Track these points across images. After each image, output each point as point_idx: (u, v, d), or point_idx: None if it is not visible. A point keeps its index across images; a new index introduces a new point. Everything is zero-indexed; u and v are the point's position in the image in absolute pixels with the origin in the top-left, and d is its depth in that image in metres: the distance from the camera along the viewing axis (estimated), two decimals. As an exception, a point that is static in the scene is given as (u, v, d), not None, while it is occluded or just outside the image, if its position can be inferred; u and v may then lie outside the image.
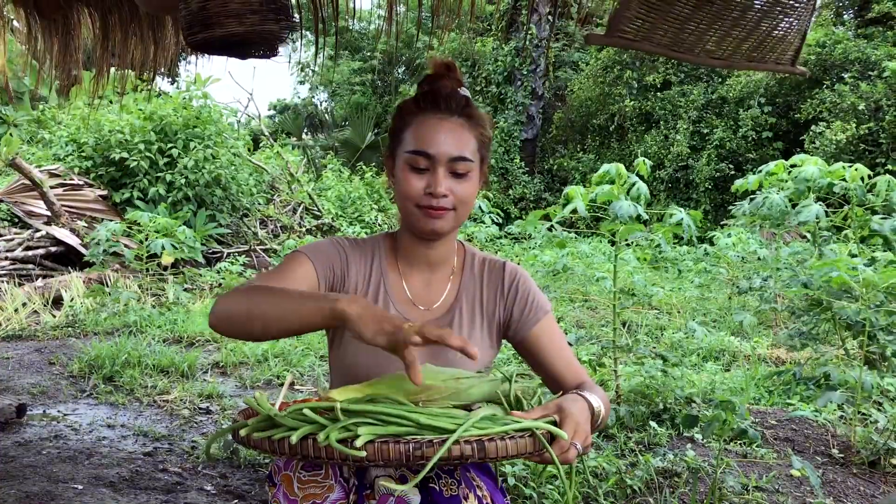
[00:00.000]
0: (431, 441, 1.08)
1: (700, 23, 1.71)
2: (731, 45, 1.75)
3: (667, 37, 1.71)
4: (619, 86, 14.87)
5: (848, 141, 11.34)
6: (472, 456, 1.08)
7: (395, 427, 1.12)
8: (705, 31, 1.72)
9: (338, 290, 1.48)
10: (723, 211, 12.41)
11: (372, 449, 1.06)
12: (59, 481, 2.81)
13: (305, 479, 1.25)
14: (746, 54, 1.77)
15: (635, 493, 2.65)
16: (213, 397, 4.09)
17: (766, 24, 1.75)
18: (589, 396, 1.30)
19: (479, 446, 1.09)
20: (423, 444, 1.07)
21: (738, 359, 4.89)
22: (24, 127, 11.32)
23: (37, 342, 5.29)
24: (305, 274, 1.43)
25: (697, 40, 1.73)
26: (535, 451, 1.15)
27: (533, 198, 15.20)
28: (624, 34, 1.70)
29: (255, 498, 2.79)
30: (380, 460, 1.07)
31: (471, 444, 1.09)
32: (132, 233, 7.38)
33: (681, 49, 1.74)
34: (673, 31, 1.71)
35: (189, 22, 2.38)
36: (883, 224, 3.83)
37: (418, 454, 1.06)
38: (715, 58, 1.77)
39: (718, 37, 1.74)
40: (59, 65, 3.81)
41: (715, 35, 1.73)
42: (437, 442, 1.08)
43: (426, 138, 1.41)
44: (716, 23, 1.72)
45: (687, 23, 1.71)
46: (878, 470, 2.96)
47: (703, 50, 1.75)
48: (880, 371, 3.23)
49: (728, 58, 1.77)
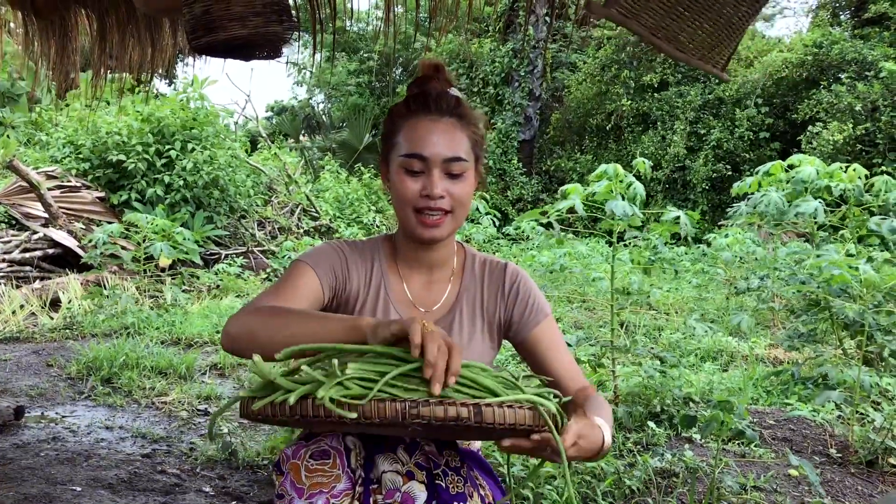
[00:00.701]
0: (428, 400, 1.07)
1: (685, 10, 1.71)
2: (697, 38, 1.75)
3: (652, 19, 1.71)
4: (617, 85, 14.89)
5: (845, 141, 11.36)
6: (469, 419, 1.06)
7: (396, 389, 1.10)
8: (686, 21, 1.72)
9: (340, 293, 1.49)
10: (720, 211, 12.43)
11: (368, 407, 1.05)
12: (57, 483, 2.81)
13: (313, 467, 1.25)
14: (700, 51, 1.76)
15: (633, 494, 2.66)
16: (212, 399, 4.08)
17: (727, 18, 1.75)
18: (606, 435, 1.28)
19: (475, 409, 1.07)
20: (420, 402, 1.06)
21: (736, 359, 4.89)
22: (22, 129, 11.30)
23: (34, 344, 5.28)
24: (310, 285, 1.44)
25: (679, 30, 1.73)
26: (533, 426, 1.12)
27: (531, 199, 15.20)
28: (620, 8, 1.70)
29: (254, 499, 2.79)
30: (375, 418, 1.05)
31: (467, 406, 1.07)
32: (130, 234, 7.37)
33: (660, 36, 1.73)
34: (660, 14, 1.71)
35: (193, 26, 2.38)
36: (881, 224, 3.84)
37: (414, 412, 1.05)
38: (680, 51, 1.76)
39: (692, 28, 1.73)
40: (56, 67, 3.80)
41: (690, 26, 1.73)
42: (434, 402, 1.07)
43: (419, 141, 1.41)
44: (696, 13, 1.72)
45: (675, 7, 1.71)
46: (876, 469, 2.96)
47: (678, 42, 1.74)
48: (878, 371, 3.24)
49: (688, 51, 1.76)
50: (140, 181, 8.69)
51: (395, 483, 1.26)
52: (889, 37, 13.12)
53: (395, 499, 1.25)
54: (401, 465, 1.28)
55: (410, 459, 1.30)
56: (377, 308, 1.50)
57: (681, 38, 1.73)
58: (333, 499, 1.24)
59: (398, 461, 1.28)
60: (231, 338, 1.32)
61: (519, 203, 15.22)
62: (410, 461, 1.29)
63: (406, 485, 1.26)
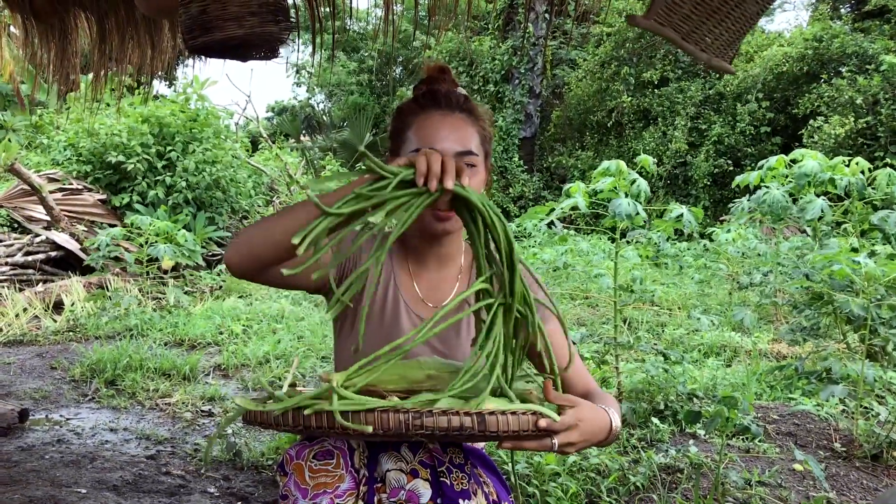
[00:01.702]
0: (431, 411, 1.08)
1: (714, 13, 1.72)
2: (721, 37, 1.75)
3: (686, 25, 1.72)
4: (617, 82, 14.87)
5: (846, 135, 11.34)
6: (472, 428, 1.07)
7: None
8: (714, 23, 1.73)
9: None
10: (722, 207, 12.41)
11: (371, 418, 1.06)
12: (62, 486, 2.81)
13: (317, 468, 1.25)
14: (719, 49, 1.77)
15: (638, 490, 2.65)
16: (216, 400, 4.09)
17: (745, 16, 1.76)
18: (613, 416, 1.28)
19: (479, 419, 1.08)
20: (423, 413, 1.07)
21: (740, 354, 4.89)
22: (23, 132, 11.31)
23: (38, 347, 5.29)
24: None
25: (707, 31, 1.74)
26: (535, 432, 1.14)
27: (532, 196, 15.20)
28: (658, 18, 1.72)
29: (259, 500, 2.79)
30: (379, 429, 1.06)
31: (471, 416, 1.08)
32: (132, 236, 7.38)
33: (690, 40, 1.74)
34: (693, 19, 1.72)
35: (189, 26, 2.38)
36: (884, 219, 3.82)
37: (417, 423, 1.06)
38: (703, 51, 1.77)
39: (719, 30, 1.74)
40: (56, 69, 3.81)
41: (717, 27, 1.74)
42: (438, 412, 1.07)
43: (430, 136, 1.42)
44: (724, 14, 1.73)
45: (706, 11, 1.72)
46: (881, 463, 2.96)
47: (705, 43, 1.75)
48: (882, 365, 3.24)
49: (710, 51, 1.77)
50: (141, 183, 8.70)
51: (400, 481, 1.26)
52: (889, 30, 13.09)
53: (400, 497, 1.25)
54: (405, 464, 1.28)
55: (414, 457, 1.30)
56: (387, 302, 1.51)
57: (707, 39, 1.74)
58: (337, 498, 1.24)
59: (402, 459, 1.28)
60: (233, 259, 1.30)
61: (521, 200, 15.21)
62: (414, 459, 1.29)
63: (410, 483, 1.26)
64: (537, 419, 1.14)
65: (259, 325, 5.87)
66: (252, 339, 5.36)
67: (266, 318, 6.07)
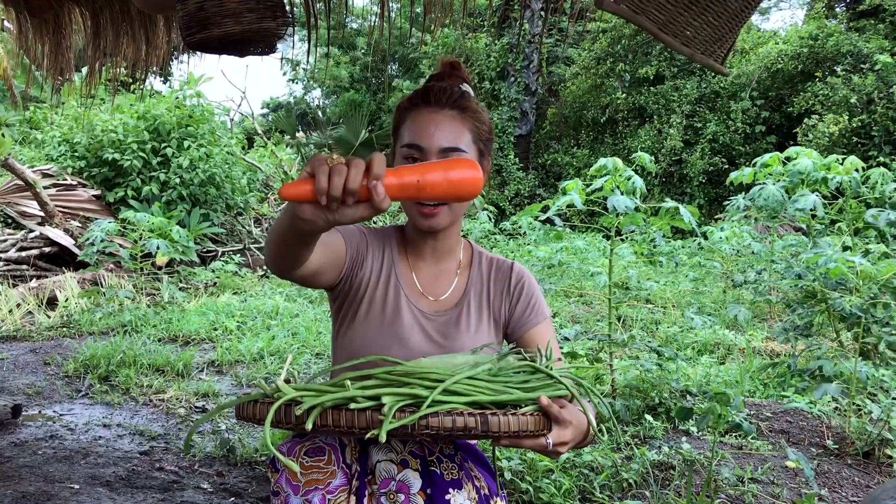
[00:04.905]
0: (436, 412, 1.08)
1: (692, 4, 1.71)
2: (703, 32, 1.75)
3: (661, 15, 1.71)
4: (612, 79, 14.87)
5: (840, 134, 11.38)
6: (476, 428, 1.09)
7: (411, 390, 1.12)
8: (694, 15, 1.72)
9: (356, 270, 1.53)
10: (717, 205, 12.44)
11: (374, 417, 1.06)
12: (55, 481, 2.81)
13: (308, 464, 1.26)
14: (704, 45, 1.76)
15: (631, 486, 2.66)
16: (209, 396, 4.08)
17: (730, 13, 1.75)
18: (591, 418, 1.29)
19: (482, 419, 1.09)
20: (428, 414, 1.08)
21: (733, 352, 4.90)
22: (16, 127, 11.27)
23: (31, 343, 5.28)
24: (338, 240, 1.47)
25: (686, 24, 1.73)
26: (536, 431, 1.15)
27: (527, 194, 15.19)
28: (630, 4, 1.70)
29: (252, 495, 2.79)
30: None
31: (474, 416, 1.09)
32: (126, 232, 7.36)
33: (668, 31, 1.73)
34: (669, 9, 1.71)
35: (186, 22, 2.38)
36: (878, 217, 3.84)
37: (422, 423, 1.07)
38: (686, 46, 1.76)
39: (699, 23, 1.73)
40: (50, 64, 3.79)
41: (697, 20, 1.73)
42: (442, 412, 1.08)
43: (419, 131, 1.45)
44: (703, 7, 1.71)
45: (690, 6, 1.70)
46: (873, 461, 2.97)
47: (685, 37, 1.74)
48: (875, 363, 3.25)
49: (693, 46, 1.76)
50: (136, 179, 8.68)
51: (390, 472, 1.26)
52: (884, 29, 13.13)
53: (391, 487, 1.25)
54: (395, 454, 1.29)
55: (404, 448, 1.30)
56: (388, 294, 1.53)
57: (687, 32, 1.73)
58: (329, 495, 1.24)
59: (392, 450, 1.29)
60: (267, 262, 1.33)
61: (516, 198, 15.21)
62: (404, 450, 1.30)
63: (401, 473, 1.26)
64: (537, 420, 1.15)
65: (253, 321, 5.86)
66: (246, 336, 5.36)
67: (260, 315, 6.07)
